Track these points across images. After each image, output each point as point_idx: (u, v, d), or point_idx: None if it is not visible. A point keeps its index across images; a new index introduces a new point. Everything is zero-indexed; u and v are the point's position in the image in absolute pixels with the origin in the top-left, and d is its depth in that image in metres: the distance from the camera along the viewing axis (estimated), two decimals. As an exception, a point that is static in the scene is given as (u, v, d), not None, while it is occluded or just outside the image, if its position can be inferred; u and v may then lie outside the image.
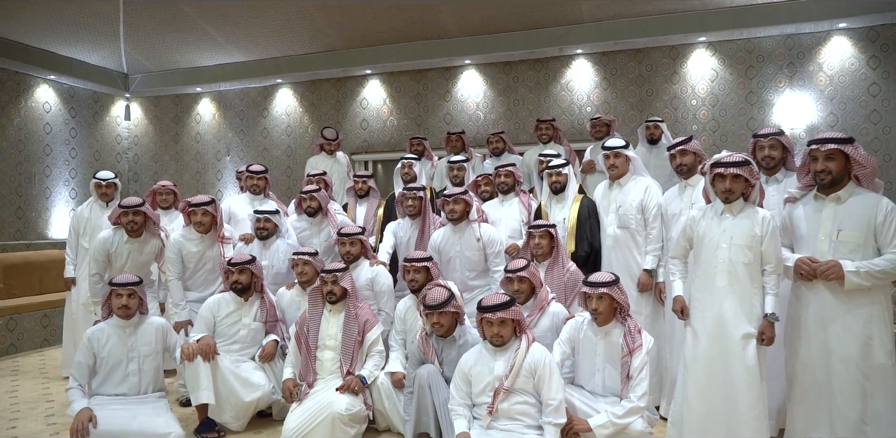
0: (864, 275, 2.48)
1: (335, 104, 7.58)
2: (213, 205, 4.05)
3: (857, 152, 2.56)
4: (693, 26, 5.97)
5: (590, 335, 2.90)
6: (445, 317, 3.05)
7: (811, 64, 5.94)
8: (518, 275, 3.16)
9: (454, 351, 3.08)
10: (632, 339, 2.76)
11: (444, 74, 7.10)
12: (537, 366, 2.72)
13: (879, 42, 5.74)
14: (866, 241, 2.53)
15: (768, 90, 6.06)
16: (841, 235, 2.56)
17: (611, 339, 2.83)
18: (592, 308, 2.81)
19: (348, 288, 3.46)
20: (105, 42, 7.16)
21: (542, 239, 3.44)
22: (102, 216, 4.76)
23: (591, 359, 2.89)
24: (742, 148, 6.06)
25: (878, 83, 5.76)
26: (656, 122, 4.90)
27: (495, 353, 2.82)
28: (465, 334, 3.14)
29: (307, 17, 6.46)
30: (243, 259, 3.66)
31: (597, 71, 6.58)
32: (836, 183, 2.61)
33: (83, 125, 7.74)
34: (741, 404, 2.58)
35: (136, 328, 3.40)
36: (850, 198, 2.60)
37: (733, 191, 2.66)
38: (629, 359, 2.74)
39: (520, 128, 6.78)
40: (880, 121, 5.76)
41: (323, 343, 3.48)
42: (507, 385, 2.71)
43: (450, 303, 3.03)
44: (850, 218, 2.56)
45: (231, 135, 8.03)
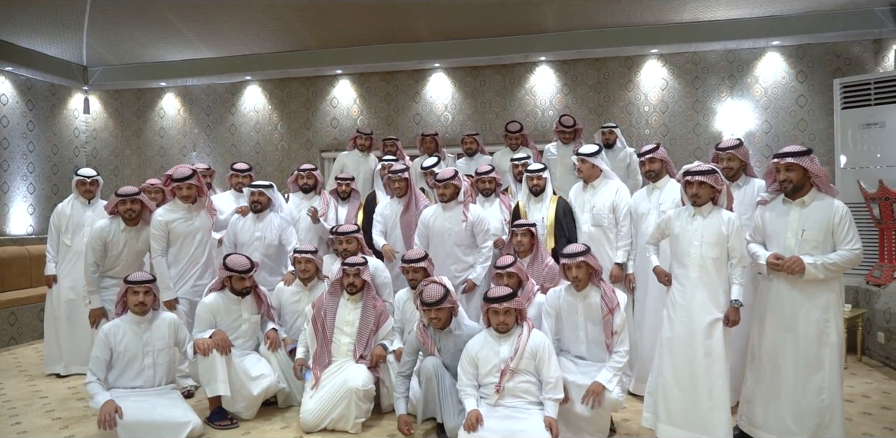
0: (821, 267, 2.88)
1: (305, 102, 7.74)
2: (196, 177, 4.17)
3: (811, 164, 2.95)
4: (646, 39, 6.53)
5: (570, 299, 3.28)
6: (443, 312, 3.28)
7: (749, 76, 6.61)
8: (507, 271, 3.52)
9: (451, 342, 3.33)
10: (609, 299, 3.18)
11: (414, 76, 7.40)
12: (538, 349, 3.08)
13: (806, 59, 6.47)
14: (825, 239, 2.93)
15: (712, 99, 6.70)
16: (805, 234, 2.96)
17: (589, 301, 3.22)
18: (573, 276, 3.19)
19: (368, 281, 3.71)
20: (67, 34, 7.04)
21: (524, 237, 3.80)
22: (84, 213, 4.79)
23: (573, 320, 3.27)
24: (688, 151, 6.70)
25: (805, 95, 6.49)
26: (611, 128, 5.34)
27: (499, 339, 3.15)
28: (459, 325, 3.38)
29: (280, 15, 6.59)
30: (245, 267, 3.72)
31: (559, 77, 7.06)
32: (798, 189, 3.01)
33: (41, 118, 7.56)
34: (709, 377, 3.00)
35: (151, 323, 3.55)
36: (813, 203, 2.99)
37: (700, 195, 3.08)
38: (611, 318, 3.15)
39: (486, 130, 7.17)
40: (807, 129, 6.50)
41: (339, 328, 3.69)
42: (512, 366, 3.05)
43: (446, 300, 3.24)
44: (812, 219, 2.96)
45: (197, 131, 8.03)
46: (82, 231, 4.75)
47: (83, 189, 4.81)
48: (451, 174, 4.18)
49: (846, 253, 2.89)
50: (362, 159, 5.91)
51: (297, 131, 7.74)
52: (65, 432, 3.58)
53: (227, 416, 3.66)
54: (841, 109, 5.99)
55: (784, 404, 2.98)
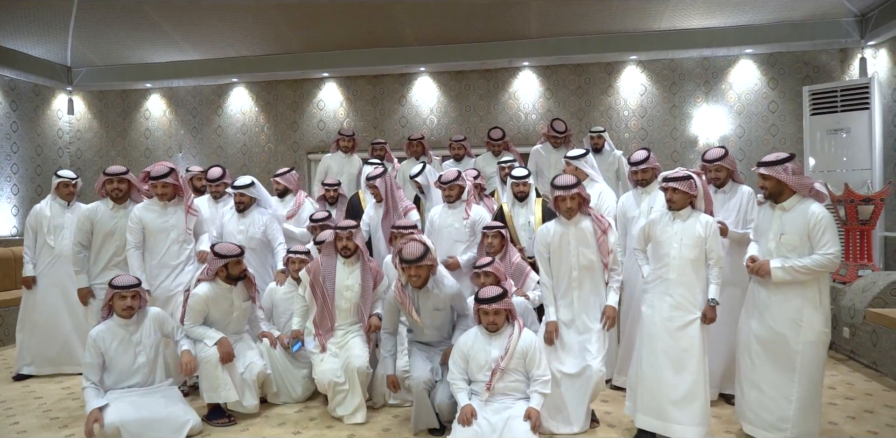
0: (789, 270, 3.01)
1: (291, 104, 7.83)
2: (173, 174, 4.17)
3: (782, 173, 3.05)
4: (626, 46, 6.76)
5: (561, 229, 3.47)
6: (422, 270, 3.36)
7: (723, 83, 6.88)
8: (484, 270, 3.72)
9: (429, 301, 3.43)
10: (600, 222, 3.43)
11: (400, 80, 7.54)
12: (528, 349, 3.21)
13: (778, 67, 6.76)
14: (802, 243, 3.04)
15: (688, 104, 6.96)
16: (783, 238, 3.09)
17: (580, 226, 3.44)
18: (567, 207, 3.39)
19: (360, 245, 3.77)
20: (52, 35, 7.04)
21: (494, 239, 3.98)
22: (64, 214, 4.80)
23: (567, 249, 3.44)
24: (665, 154, 6.94)
25: (777, 101, 6.78)
26: (599, 133, 5.56)
27: (490, 338, 3.27)
28: (438, 284, 3.46)
29: (267, 18, 6.68)
30: (236, 251, 3.74)
31: (541, 82, 7.26)
32: (775, 195, 3.14)
33: (24, 119, 7.54)
34: (686, 371, 3.18)
35: (139, 324, 3.56)
36: (794, 208, 3.09)
37: (674, 200, 3.26)
38: (605, 237, 3.40)
39: (471, 133, 7.33)
40: (778, 134, 6.78)
41: (340, 293, 3.77)
42: (503, 365, 3.18)
43: (426, 257, 3.32)
44: (791, 224, 3.08)
45: (183, 133, 8.07)
46: (63, 232, 4.75)
47: (64, 191, 4.81)
48: (455, 175, 4.33)
49: (818, 258, 3.00)
50: (346, 160, 6.05)
51: (283, 133, 7.83)
52: (64, 431, 3.65)
53: (224, 414, 3.76)
54: (810, 115, 6.29)
55: (761, 399, 3.16)
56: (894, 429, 3.44)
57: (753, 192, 3.77)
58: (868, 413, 3.68)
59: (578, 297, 3.47)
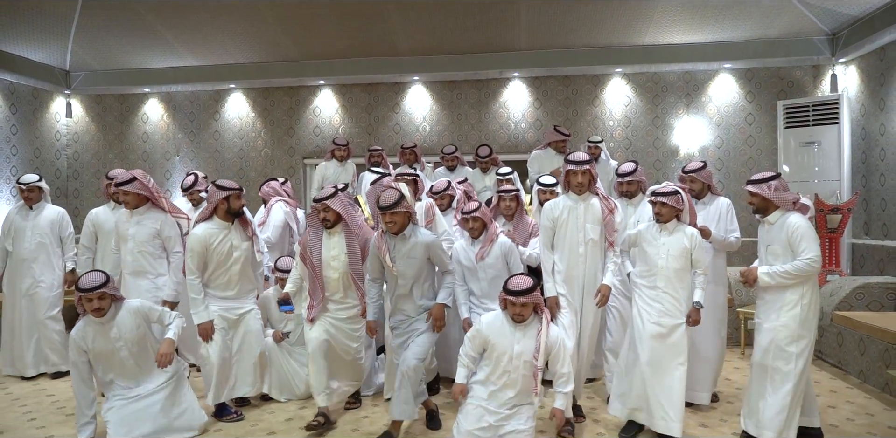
0: (773, 275, 3.26)
1: (288, 111, 8.04)
2: (136, 182, 4.09)
3: (766, 190, 3.33)
4: (611, 59, 7.07)
5: (571, 204, 3.62)
6: (398, 216, 3.44)
7: (703, 95, 7.23)
8: (472, 216, 3.95)
9: (405, 247, 3.51)
10: (607, 202, 3.62)
11: (394, 88, 7.79)
12: (553, 345, 3.29)
13: (755, 81, 7.12)
14: (784, 252, 3.29)
15: (670, 115, 7.30)
16: (769, 249, 3.37)
17: (590, 203, 3.61)
18: (578, 182, 3.57)
19: (341, 212, 3.69)
20: (53, 40, 7.18)
21: (511, 202, 4.25)
22: (26, 219, 4.88)
23: (576, 224, 3.60)
24: (648, 163, 7.26)
25: (753, 114, 7.14)
26: (597, 143, 5.84)
27: (515, 329, 3.29)
28: (415, 232, 3.54)
29: (266, 27, 6.88)
30: (235, 185, 3.84)
31: (530, 92, 7.55)
32: (762, 210, 3.40)
33: (23, 122, 7.67)
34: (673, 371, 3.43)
35: (113, 319, 3.47)
36: (777, 221, 3.35)
37: (662, 214, 3.52)
38: (611, 217, 3.60)
39: (462, 140, 7.60)
40: (755, 145, 7.14)
41: (327, 263, 3.74)
42: (539, 365, 3.24)
43: (401, 204, 3.41)
44: (775, 236, 3.35)
45: (181, 137, 8.24)
46: (23, 236, 4.85)
47: (23, 195, 4.91)
48: (445, 185, 4.59)
49: (798, 263, 3.23)
50: (341, 169, 6.31)
51: (280, 138, 8.04)
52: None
53: (232, 410, 3.96)
54: (784, 128, 6.64)
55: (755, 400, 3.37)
56: (853, 423, 3.77)
57: (731, 204, 4.03)
58: (831, 409, 4.01)
59: (583, 274, 3.61)
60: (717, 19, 6.38)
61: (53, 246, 4.94)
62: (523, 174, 6.31)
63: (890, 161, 5.67)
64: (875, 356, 4.44)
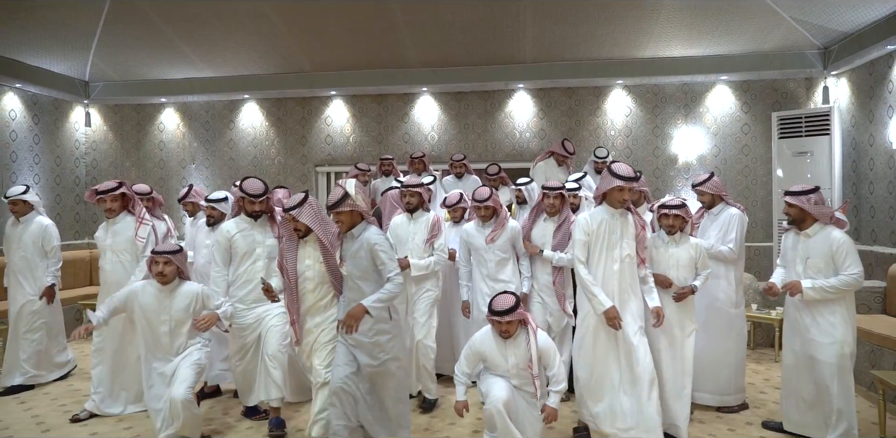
0: (819, 290, 3.35)
1: (300, 120, 8.32)
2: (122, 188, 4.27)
3: (806, 203, 3.43)
4: (613, 72, 7.36)
5: (606, 217, 3.51)
6: (343, 215, 3.37)
7: (701, 106, 7.52)
8: (484, 204, 4.20)
9: (353, 246, 3.41)
10: (639, 218, 3.57)
11: (403, 99, 8.07)
12: (543, 351, 3.38)
13: (750, 92, 7.42)
14: (826, 265, 3.41)
15: (669, 125, 7.59)
16: (809, 262, 3.46)
17: (624, 219, 3.52)
18: (623, 199, 3.45)
19: (308, 223, 3.48)
20: (74, 53, 7.45)
21: (556, 200, 4.20)
22: (15, 230, 4.96)
23: (610, 238, 3.48)
24: (648, 171, 7.55)
25: (749, 124, 7.43)
26: (603, 159, 6.14)
27: (505, 344, 3.37)
28: (364, 230, 3.42)
29: (280, 40, 7.15)
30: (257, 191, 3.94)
31: (535, 103, 7.84)
32: (801, 222, 3.51)
33: (45, 131, 7.94)
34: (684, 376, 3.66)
35: (172, 292, 3.74)
36: (816, 234, 3.47)
37: (674, 226, 3.73)
38: (644, 233, 3.54)
39: (469, 149, 7.89)
40: (750, 154, 7.44)
41: (302, 273, 3.61)
42: (535, 372, 3.33)
43: (344, 202, 3.33)
44: (815, 249, 3.46)
45: (196, 145, 8.52)
46: (11, 249, 4.94)
47: (10, 209, 4.99)
48: (457, 199, 4.73)
49: (844, 278, 3.36)
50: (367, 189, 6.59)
51: (293, 147, 8.32)
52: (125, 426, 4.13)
53: (259, 410, 4.18)
54: (778, 139, 6.94)
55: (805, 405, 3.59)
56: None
57: (740, 215, 4.16)
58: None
59: (618, 292, 3.47)
60: (714, 34, 6.66)
61: (36, 260, 4.92)
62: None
63: (879, 170, 5.96)
64: (862, 357, 4.71)
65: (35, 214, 5.01)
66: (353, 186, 3.38)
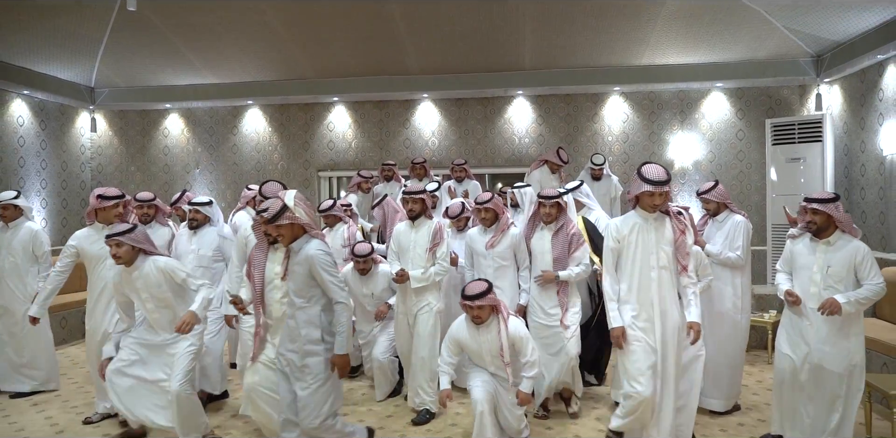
0: (854, 304, 3.28)
1: (303, 126, 8.46)
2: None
3: (834, 211, 3.34)
4: (610, 79, 7.50)
5: (639, 222, 3.30)
6: (283, 229, 3.19)
7: (696, 112, 7.67)
8: (484, 206, 4.20)
9: (295, 259, 3.21)
10: (679, 221, 3.32)
11: (404, 105, 8.21)
12: (514, 338, 3.48)
13: (744, 99, 7.56)
14: (848, 275, 3.36)
15: (665, 131, 7.73)
16: (830, 270, 3.37)
17: (662, 222, 3.30)
18: (654, 204, 3.21)
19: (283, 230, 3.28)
20: (81, 60, 7.58)
21: (551, 209, 4.09)
22: (3, 236, 4.93)
23: (645, 245, 3.27)
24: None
25: (743, 130, 7.58)
26: (601, 166, 6.29)
27: (478, 331, 3.49)
28: (305, 243, 3.19)
29: (283, 48, 7.29)
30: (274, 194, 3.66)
31: (533, 109, 7.99)
32: (822, 230, 3.43)
33: (52, 137, 8.07)
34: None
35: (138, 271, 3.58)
36: (838, 242, 3.40)
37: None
38: (683, 238, 3.29)
39: (469, 154, 8.03)
40: (745, 159, 7.58)
41: (270, 281, 3.49)
42: (507, 359, 3.46)
43: (283, 215, 3.14)
44: (837, 257, 3.38)
45: (200, 150, 8.65)
46: (0, 252, 4.91)
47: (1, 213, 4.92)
48: (460, 209, 4.73)
49: (873, 287, 3.32)
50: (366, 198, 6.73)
51: (295, 152, 8.46)
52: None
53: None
54: (771, 145, 7.08)
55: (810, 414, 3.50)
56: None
57: (745, 222, 4.22)
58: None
59: (658, 303, 3.26)
60: (709, 42, 6.81)
61: (26, 266, 4.90)
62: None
63: (870, 176, 6.11)
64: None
65: (24, 219, 4.99)
66: (293, 198, 3.22)
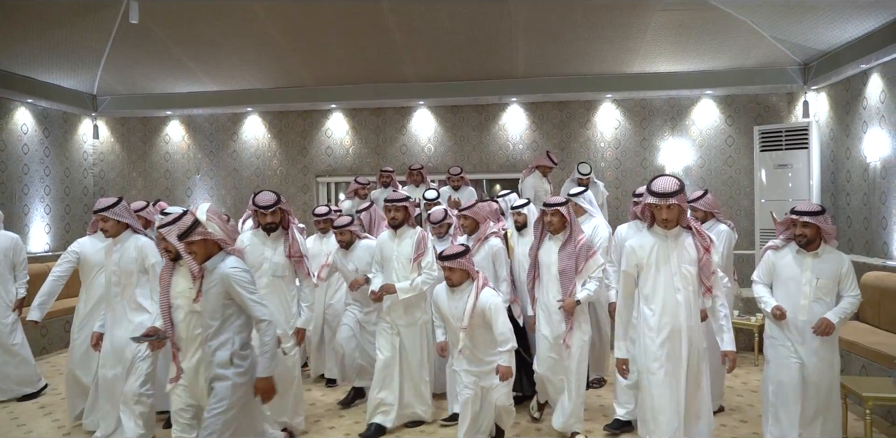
0: (843, 320, 3.38)
1: (301, 132, 8.62)
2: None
3: (824, 223, 3.35)
4: (602, 86, 7.67)
5: (657, 241, 3.06)
6: (196, 245, 3.02)
7: (687, 119, 7.83)
8: (462, 213, 4.24)
9: (209, 280, 3.01)
10: (702, 238, 3.03)
11: (401, 112, 8.37)
12: (484, 308, 3.39)
13: (734, 106, 7.72)
14: (834, 286, 3.41)
15: (656, 137, 7.90)
16: (819, 282, 3.37)
17: (681, 240, 3.05)
18: (663, 218, 2.98)
19: (176, 244, 3.14)
20: (84, 69, 7.73)
21: (553, 217, 3.85)
22: None
23: (666, 265, 3.04)
24: (636, 181, 7.85)
25: (733, 136, 7.74)
26: (587, 176, 6.45)
27: (452, 294, 3.50)
28: (220, 261, 2.97)
29: (281, 56, 7.43)
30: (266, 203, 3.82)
31: (527, 116, 8.15)
32: (810, 242, 3.41)
33: (55, 144, 8.22)
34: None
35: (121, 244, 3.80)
36: (825, 255, 3.42)
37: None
38: (708, 257, 3.01)
39: (465, 160, 8.19)
40: (734, 165, 7.74)
41: (175, 301, 3.23)
42: (464, 324, 3.41)
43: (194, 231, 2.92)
44: (825, 270, 3.39)
45: (201, 156, 8.81)
46: None
47: None
48: (442, 216, 4.66)
49: (853, 300, 3.41)
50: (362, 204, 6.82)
51: (294, 158, 8.61)
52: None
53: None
54: (759, 152, 7.24)
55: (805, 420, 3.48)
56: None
57: (729, 231, 4.30)
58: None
59: (686, 328, 3.04)
60: (699, 51, 6.96)
61: (6, 273, 4.95)
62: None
63: (855, 182, 6.26)
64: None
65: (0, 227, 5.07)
66: (205, 212, 3.03)
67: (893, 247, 5.61)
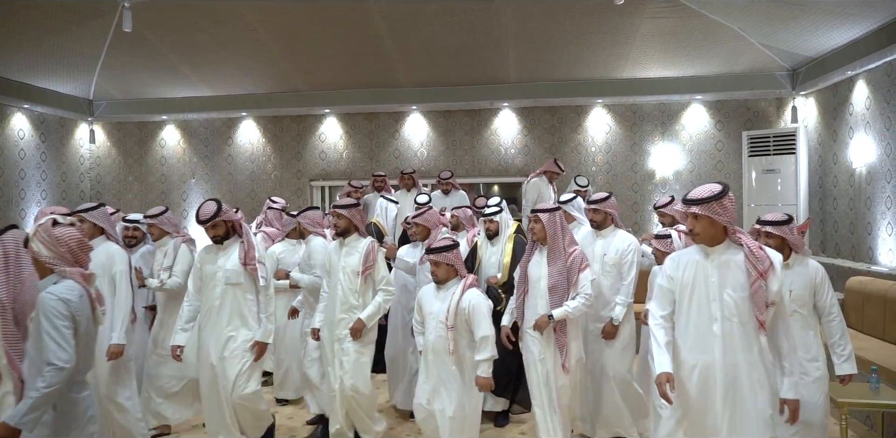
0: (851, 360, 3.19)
1: (295, 137, 8.69)
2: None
3: (788, 233, 3.11)
4: (593, 91, 7.73)
5: (697, 258, 2.53)
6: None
7: (677, 124, 7.90)
8: (414, 221, 4.22)
9: None
10: (756, 259, 2.40)
11: (394, 117, 8.45)
12: (466, 307, 3.22)
13: (723, 111, 7.79)
14: (810, 297, 3.15)
15: (646, 142, 7.96)
16: (793, 295, 3.08)
17: (727, 258, 2.47)
18: (689, 228, 2.53)
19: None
20: (80, 75, 7.81)
21: (535, 223, 3.52)
22: None
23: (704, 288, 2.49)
24: (626, 186, 7.91)
25: (722, 141, 7.80)
26: (585, 188, 6.45)
27: (438, 291, 3.35)
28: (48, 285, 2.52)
29: (275, 62, 7.51)
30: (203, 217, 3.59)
31: (519, 121, 8.22)
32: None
33: (52, 149, 8.30)
34: None
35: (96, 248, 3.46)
36: (795, 265, 3.16)
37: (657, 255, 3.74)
38: (761, 283, 2.39)
39: (457, 164, 8.26)
40: (724, 169, 7.81)
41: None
42: (450, 323, 3.20)
43: None
44: (797, 281, 3.12)
45: (196, 160, 8.88)
46: None
47: None
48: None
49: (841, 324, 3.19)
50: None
51: (288, 162, 8.69)
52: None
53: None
54: (748, 157, 7.31)
55: None
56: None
57: None
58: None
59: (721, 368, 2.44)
60: (688, 57, 7.03)
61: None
62: (512, 200, 6.96)
63: (842, 187, 6.33)
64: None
65: None
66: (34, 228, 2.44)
67: (878, 253, 5.67)
